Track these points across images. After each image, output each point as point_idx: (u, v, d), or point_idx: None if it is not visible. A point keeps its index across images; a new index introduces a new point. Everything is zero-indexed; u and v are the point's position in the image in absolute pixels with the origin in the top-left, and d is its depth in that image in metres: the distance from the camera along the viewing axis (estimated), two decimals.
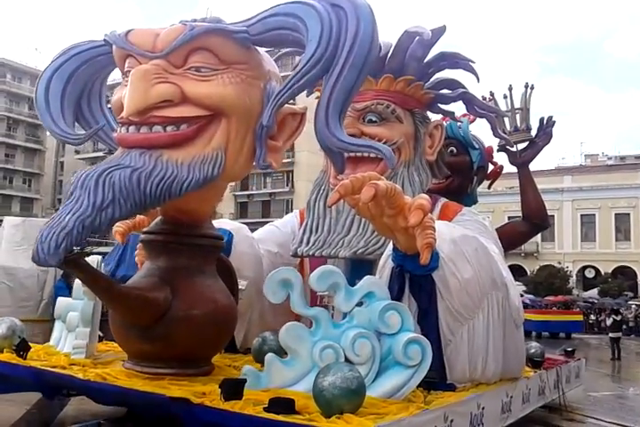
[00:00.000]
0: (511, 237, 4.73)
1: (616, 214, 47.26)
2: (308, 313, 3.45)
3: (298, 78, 3.44)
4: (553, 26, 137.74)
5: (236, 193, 51.16)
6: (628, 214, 46.83)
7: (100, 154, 45.74)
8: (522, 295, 30.62)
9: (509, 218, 52.51)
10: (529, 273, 44.61)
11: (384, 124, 3.85)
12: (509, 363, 4.18)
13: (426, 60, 4.12)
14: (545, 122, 4.80)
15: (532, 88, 4.81)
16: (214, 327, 3.65)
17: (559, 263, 45.53)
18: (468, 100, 3.99)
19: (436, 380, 3.63)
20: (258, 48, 3.95)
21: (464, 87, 3.98)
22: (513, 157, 4.81)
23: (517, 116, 4.88)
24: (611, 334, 19.25)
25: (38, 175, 55.14)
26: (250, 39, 3.82)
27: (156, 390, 3.57)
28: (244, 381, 3.08)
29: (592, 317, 30.95)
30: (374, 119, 3.77)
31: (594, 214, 48.04)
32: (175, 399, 3.11)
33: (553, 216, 49.04)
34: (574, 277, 45.58)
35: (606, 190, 47.04)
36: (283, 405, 3.03)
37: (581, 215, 48.58)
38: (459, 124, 4.98)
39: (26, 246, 14.30)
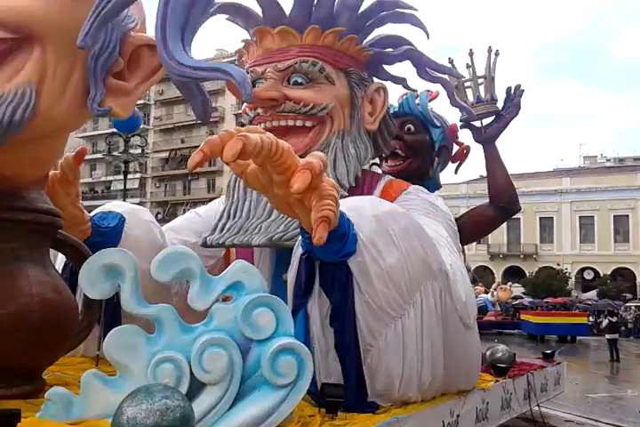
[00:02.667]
0: (478, 224, 3.69)
1: (615, 216, 46.54)
2: (145, 312, 2.36)
3: None
4: (552, 25, 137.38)
5: None
6: (627, 216, 46.09)
7: (100, 156, 45.20)
8: (521, 297, 29.67)
9: (509, 221, 52.55)
10: (528, 275, 44.07)
11: (312, 86, 2.72)
12: (455, 372, 3.05)
13: (361, 10, 2.92)
14: (512, 91, 3.70)
15: (497, 54, 3.74)
16: (29, 332, 2.52)
17: (558, 265, 44.95)
18: (416, 59, 2.84)
19: (342, 399, 2.57)
20: None
21: (411, 45, 2.86)
22: (477, 134, 3.71)
23: (481, 87, 3.74)
24: (607, 336, 18.91)
25: None
26: None
27: None
28: (16, 414, 2.03)
29: (590, 318, 30.16)
30: (300, 81, 2.67)
31: (592, 216, 47.31)
32: None
33: (552, 218, 48.58)
34: (573, 278, 44.93)
35: (605, 192, 46.36)
36: None
37: (580, 217, 47.85)
38: (417, 99, 3.82)
39: None
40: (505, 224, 46.14)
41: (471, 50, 3.76)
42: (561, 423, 7.55)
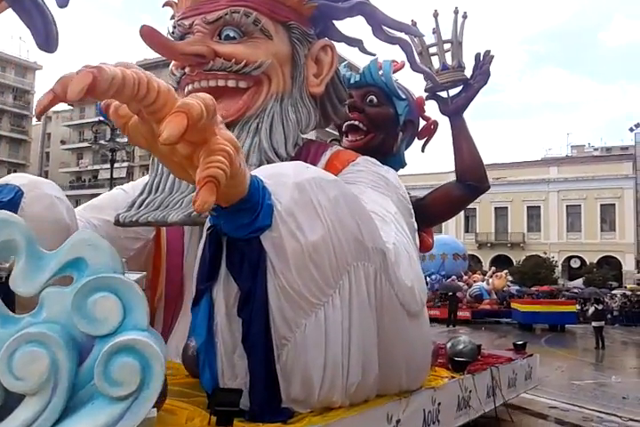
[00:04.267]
0: (446, 203, 3.24)
1: (601, 205, 46.42)
2: None
3: None
4: (543, 13, 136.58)
5: None
6: (614, 205, 45.95)
7: (86, 144, 44.46)
8: (508, 286, 29.39)
9: (496, 209, 52.47)
10: (515, 263, 43.94)
11: (246, 40, 2.19)
12: (394, 370, 2.50)
13: None
14: (481, 58, 3.25)
15: (465, 17, 3.32)
16: None
17: (545, 253, 44.86)
18: (370, 14, 2.32)
19: (237, 408, 2.11)
20: None
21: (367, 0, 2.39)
22: (443, 104, 3.25)
23: (448, 54, 3.25)
24: (593, 324, 18.66)
25: (24, 166, 53.55)
26: None
27: None
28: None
29: (577, 306, 29.97)
30: (232, 35, 2.15)
31: (579, 205, 47.16)
32: None
33: (539, 207, 48.45)
34: (560, 267, 44.84)
35: (592, 181, 46.20)
36: None
37: (567, 206, 47.71)
38: (380, 69, 3.32)
39: None
40: (493, 213, 45.90)
41: (436, 11, 3.32)
42: (545, 410, 7.56)
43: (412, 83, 3.51)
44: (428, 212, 3.22)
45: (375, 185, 2.22)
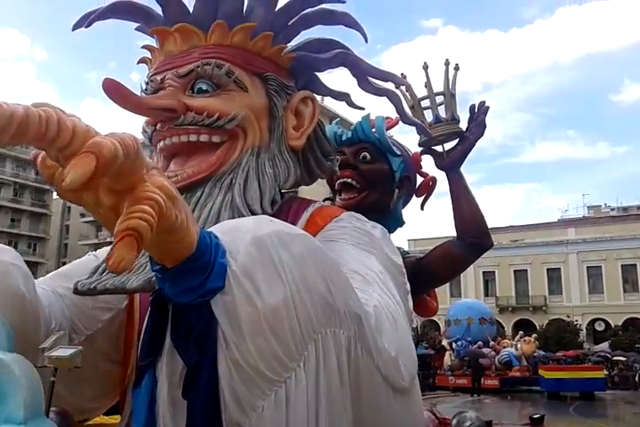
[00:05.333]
0: (446, 262, 2.98)
1: (622, 266, 45.60)
2: None
3: None
4: (551, 77, 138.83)
5: None
6: (635, 265, 45.11)
7: None
8: (537, 351, 28.05)
9: (516, 272, 51.63)
10: (538, 328, 42.84)
11: (219, 93, 1.99)
12: None
13: (280, 6, 2.21)
14: (476, 109, 3.07)
15: (457, 69, 3.21)
16: None
17: (568, 317, 43.74)
18: (353, 64, 2.13)
19: None
20: None
21: (346, 49, 2.19)
22: (439, 159, 3.04)
23: (442, 107, 3.05)
24: None
25: (43, 239, 54.54)
26: None
27: None
28: None
29: (604, 371, 28.79)
30: (205, 88, 1.96)
31: (600, 266, 46.37)
32: None
33: (559, 269, 47.69)
34: (584, 330, 43.61)
35: (611, 242, 45.60)
36: None
37: (587, 267, 46.91)
38: (372, 123, 3.12)
39: None
40: (512, 276, 45.04)
41: (425, 63, 3.21)
42: None
43: (409, 140, 3.38)
44: (429, 272, 2.97)
45: (359, 242, 1.96)
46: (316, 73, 2.43)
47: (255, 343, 1.24)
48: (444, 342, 29.80)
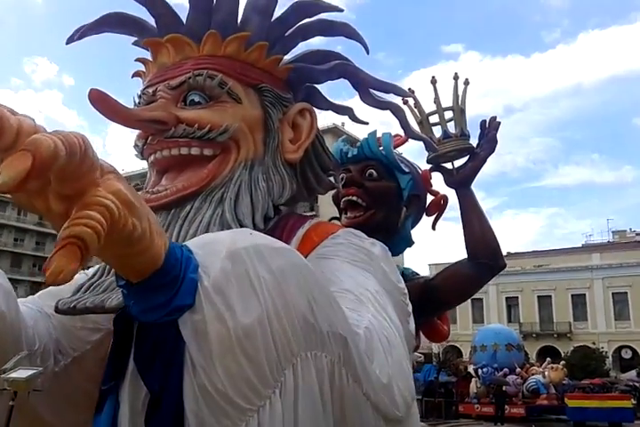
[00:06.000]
0: (456, 283, 2.84)
1: None
2: None
3: None
4: (573, 101, 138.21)
5: None
6: None
7: None
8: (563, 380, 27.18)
9: (540, 298, 50.71)
10: (562, 355, 41.94)
11: (212, 105, 1.88)
12: None
13: (276, 16, 2.09)
14: (487, 124, 2.94)
15: (467, 83, 3.09)
16: None
17: (594, 344, 42.80)
18: (352, 76, 2.00)
19: None
20: None
21: (346, 60, 2.07)
22: (448, 176, 2.91)
23: (451, 123, 2.89)
24: None
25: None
26: None
27: None
28: None
29: (633, 401, 27.89)
30: (197, 100, 1.85)
31: (626, 292, 45.41)
32: None
33: (584, 295, 46.81)
34: (610, 358, 42.58)
35: (637, 267, 44.67)
36: None
37: (613, 293, 45.98)
38: (379, 139, 2.97)
39: None
40: (536, 302, 44.26)
41: (433, 77, 3.11)
42: None
43: (421, 158, 3.26)
44: (439, 294, 2.84)
45: (355, 259, 1.84)
46: (316, 86, 2.35)
47: (225, 367, 1.11)
48: (470, 369, 29.22)
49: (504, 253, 3.00)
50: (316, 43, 2.42)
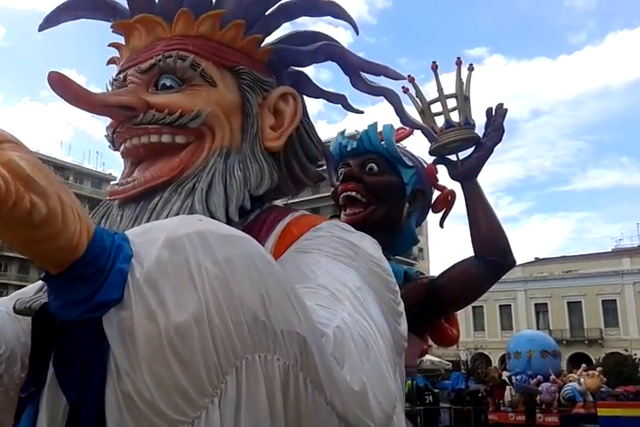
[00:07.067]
0: (463, 283, 2.63)
1: None
2: None
3: None
4: (602, 103, 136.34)
5: None
6: None
7: None
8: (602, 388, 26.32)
9: (569, 304, 49.77)
10: (594, 362, 41.05)
11: (184, 89, 1.71)
12: None
13: None
14: (493, 112, 2.72)
15: (471, 69, 2.86)
16: None
17: (626, 350, 41.85)
18: (340, 57, 1.78)
19: None
20: None
21: (334, 41, 1.87)
22: (452, 168, 2.70)
23: (455, 112, 2.62)
24: None
25: None
26: None
27: None
28: None
29: None
30: (169, 83, 1.69)
31: None
32: None
33: (615, 300, 45.89)
34: None
35: None
36: None
37: None
38: (379, 131, 2.75)
39: None
40: (566, 308, 43.48)
41: (434, 63, 2.92)
42: None
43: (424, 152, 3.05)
44: (444, 294, 2.65)
45: (337, 253, 1.65)
46: (305, 71, 2.19)
47: (153, 372, 0.94)
48: (504, 376, 28.64)
49: (532, 258, 2.82)
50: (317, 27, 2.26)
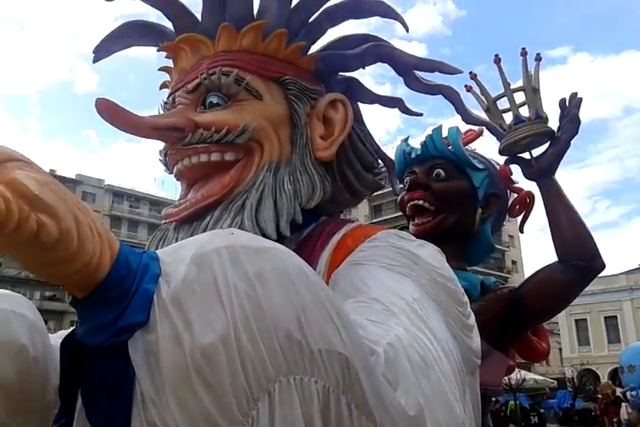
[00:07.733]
0: (549, 291, 2.42)
1: None
2: None
3: None
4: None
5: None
6: None
7: None
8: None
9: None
10: None
11: (230, 105, 1.66)
12: None
13: (297, 1, 1.84)
14: (567, 102, 2.50)
15: (539, 59, 2.64)
16: None
17: None
18: (390, 57, 1.69)
19: None
20: None
21: (382, 41, 1.78)
22: (526, 166, 2.52)
23: (524, 107, 2.46)
24: None
25: None
26: None
27: None
28: None
29: None
30: (216, 101, 1.65)
31: None
32: None
33: None
34: None
35: None
36: None
37: None
38: (444, 135, 2.60)
39: None
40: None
41: (497, 56, 2.75)
42: None
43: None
44: (529, 304, 2.45)
45: (392, 264, 1.53)
46: (357, 77, 2.12)
47: (179, 400, 0.86)
48: (618, 393, 27.10)
49: (636, 265, 2.56)
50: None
